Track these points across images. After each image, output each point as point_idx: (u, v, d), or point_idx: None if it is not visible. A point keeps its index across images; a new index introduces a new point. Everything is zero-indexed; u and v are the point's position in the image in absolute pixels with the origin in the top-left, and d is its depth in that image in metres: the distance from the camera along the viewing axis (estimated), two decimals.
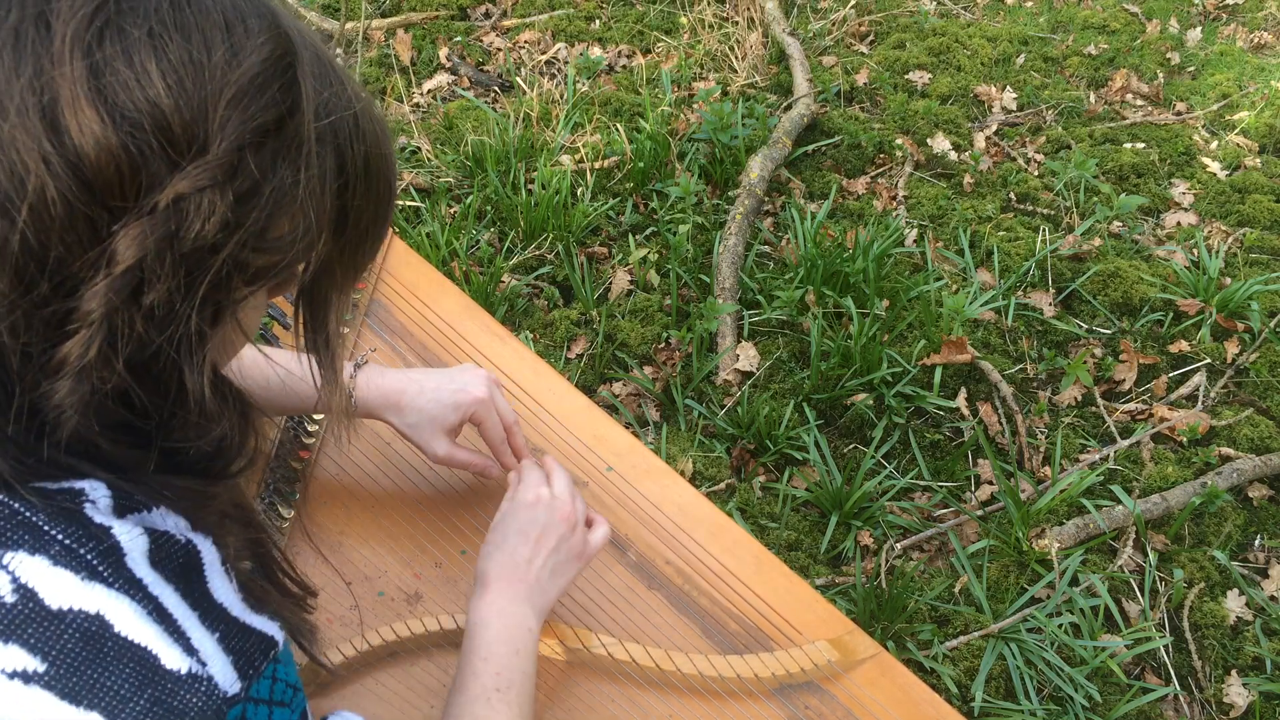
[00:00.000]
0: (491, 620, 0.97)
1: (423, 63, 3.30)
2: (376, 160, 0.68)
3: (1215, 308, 2.52)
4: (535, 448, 1.24)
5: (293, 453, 1.17)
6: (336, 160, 0.64)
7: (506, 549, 1.02)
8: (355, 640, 1.03)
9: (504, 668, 0.94)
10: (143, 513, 0.62)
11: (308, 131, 0.61)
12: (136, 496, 0.62)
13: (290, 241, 0.62)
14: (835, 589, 1.95)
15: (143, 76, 0.55)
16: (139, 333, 0.57)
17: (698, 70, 3.29)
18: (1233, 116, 3.27)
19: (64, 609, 0.56)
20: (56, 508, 0.58)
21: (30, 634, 0.56)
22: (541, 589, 1.01)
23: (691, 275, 2.53)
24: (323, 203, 0.63)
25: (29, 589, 0.56)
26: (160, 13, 0.57)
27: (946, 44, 3.48)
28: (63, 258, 0.55)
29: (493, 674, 0.93)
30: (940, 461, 2.21)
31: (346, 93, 0.65)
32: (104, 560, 0.58)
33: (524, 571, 1.01)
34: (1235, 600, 1.99)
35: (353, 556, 1.11)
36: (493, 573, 1.00)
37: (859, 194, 2.89)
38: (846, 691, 1.07)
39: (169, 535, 0.63)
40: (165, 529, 0.63)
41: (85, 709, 0.56)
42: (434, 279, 1.41)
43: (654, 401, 2.28)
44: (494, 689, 0.92)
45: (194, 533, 0.65)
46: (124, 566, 0.59)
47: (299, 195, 0.61)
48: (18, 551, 0.57)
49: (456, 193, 2.75)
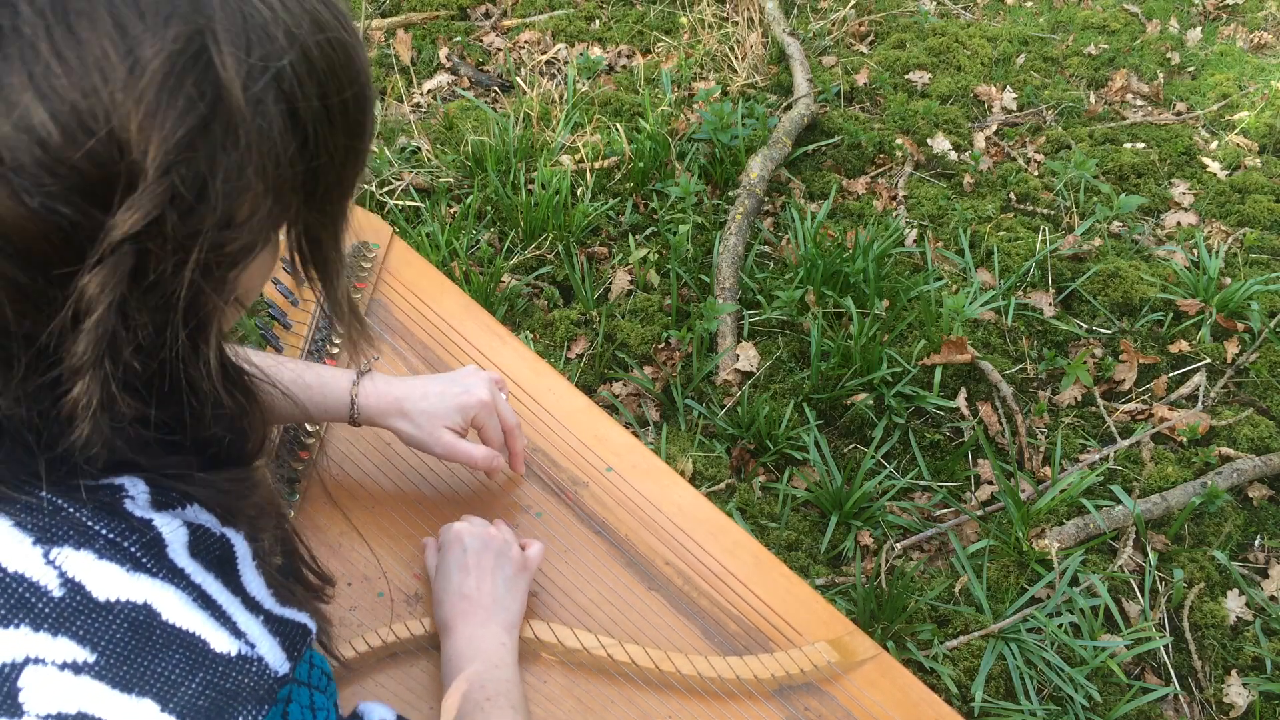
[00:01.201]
0: (464, 649, 0.99)
1: (423, 63, 3.30)
2: (336, 86, 0.59)
3: (1215, 308, 2.52)
4: (535, 448, 1.24)
5: (293, 453, 1.17)
6: (287, 116, 0.57)
7: (453, 588, 1.04)
8: (355, 641, 1.03)
9: (487, 680, 0.96)
10: (178, 509, 0.63)
11: (240, 110, 0.54)
12: (172, 493, 0.63)
13: (262, 216, 0.58)
14: (835, 589, 1.95)
15: (35, 128, 0.49)
16: (133, 365, 0.56)
17: (698, 70, 3.29)
18: (1233, 116, 3.27)
19: (111, 600, 0.57)
20: (99, 503, 0.59)
21: (79, 626, 0.56)
22: (502, 606, 1.03)
23: (691, 275, 2.53)
24: (284, 167, 0.57)
25: (76, 582, 0.57)
26: (38, 41, 0.49)
27: (946, 44, 3.48)
28: (31, 332, 0.54)
29: (478, 688, 0.95)
30: (940, 461, 2.21)
31: (279, 37, 0.56)
32: (147, 552, 0.59)
33: (478, 598, 1.03)
34: (1235, 600, 1.99)
35: (352, 557, 1.12)
36: (450, 614, 1.02)
37: (859, 194, 2.89)
38: (846, 693, 1.07)
39: (206, 528, 0.63)
40: (201, 523, 0.64)
41: (137, 696, 0.56)
42: (434, 278, 1.41)
43: (654, 401, 2.28)
44: (484, 699, 0.94)
45: (225, 527, 0.65)
46: (166, 557, 0.60)
47: (250, 176, 0.55)
48: (63, 547, 0.57)
49: (456, 193, 2.75)
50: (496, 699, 0.95)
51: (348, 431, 1.22)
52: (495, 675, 0.97)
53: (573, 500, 1.20)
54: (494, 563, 1.06)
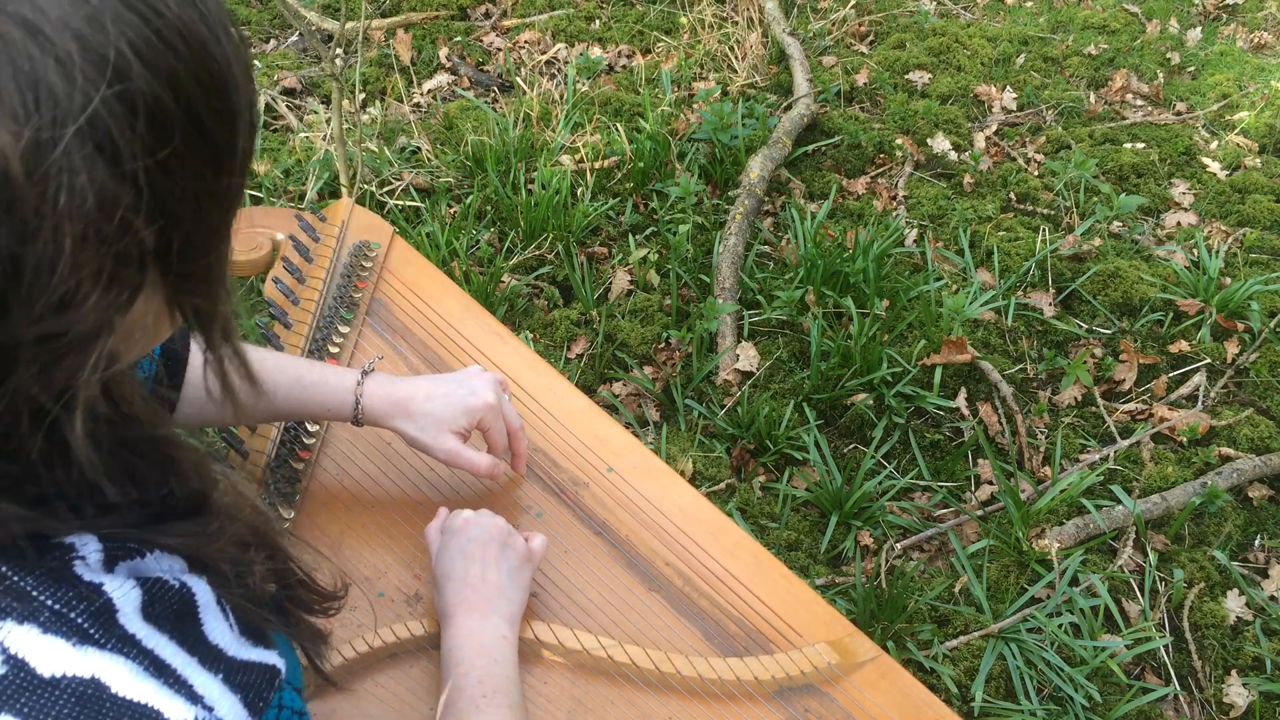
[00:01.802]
0: (464, 641, 0.98)
1: (423, 63, 3.30)
2: (183, 117, 0.50)
3: (1215, 308, 2.52)
4: (535, 448, 1.24)
5: (293, 453, 1.17)
6: (108, 174, 0.48)
7: (456, 575, 1.02)
8: (355, 641, 1.03)
9: (485, 676, 0.95)
10: (135, 560, 0.61)
11: (25, 187, 0.45)
12: (129, 544, 0.60)
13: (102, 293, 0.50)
14: (835, 589, 1.95)
15: None
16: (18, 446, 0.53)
17: (698, 70, 3.29)
18: (1233, 116, 3.27)
19: (57, 676, 0.54)
20: (45, 569, 0.56)
21: (24, 704, 0.53)
22: (505, 597, 1.02)
23: (691, 275, 2.53)
24: (117, 233, 0.49)
25: (19, 659, 0.54)
26: None
27: (946, 44, 3.48)
28: None
29: (475, 684, 0.94)
30: (940, 461, 2.21)
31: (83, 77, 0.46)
32: (95, 622, 0.56)
33: (481, 587, 1.01)
34: (1235, 600, 1.99)
35: (353, 557, 1.11)
36: (451, 602, 1.01)
37: (859, 194, 2.89)
38: (846, 694, 1.07)
39: (162, 582, 0.61)
40: (159, 574, 0.61)
41: None
42: (435, 278, 1.41)
43: (654, 401, 2.28)
44: (480, 696, 0.93)
45: (188, 574, 0.63)
46: (116, 625, 0.57)
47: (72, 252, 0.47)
48: (6, 621, 0.54)
49: (456, 193, 2.75)
50: (493, 696, 0.93)
51: (348, 431, 1.22)
52: (494, 671, 0.96)
53: (573, 501, 1.20)
54: (498, 553, 1.04)
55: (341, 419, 1.10)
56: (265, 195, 2.65)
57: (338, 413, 1.09)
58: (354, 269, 1.38)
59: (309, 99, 3.09)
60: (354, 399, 1.08)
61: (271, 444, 1.17)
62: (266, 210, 1.46)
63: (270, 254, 1.40)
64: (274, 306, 1.30)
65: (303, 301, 1.31)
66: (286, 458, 1.17)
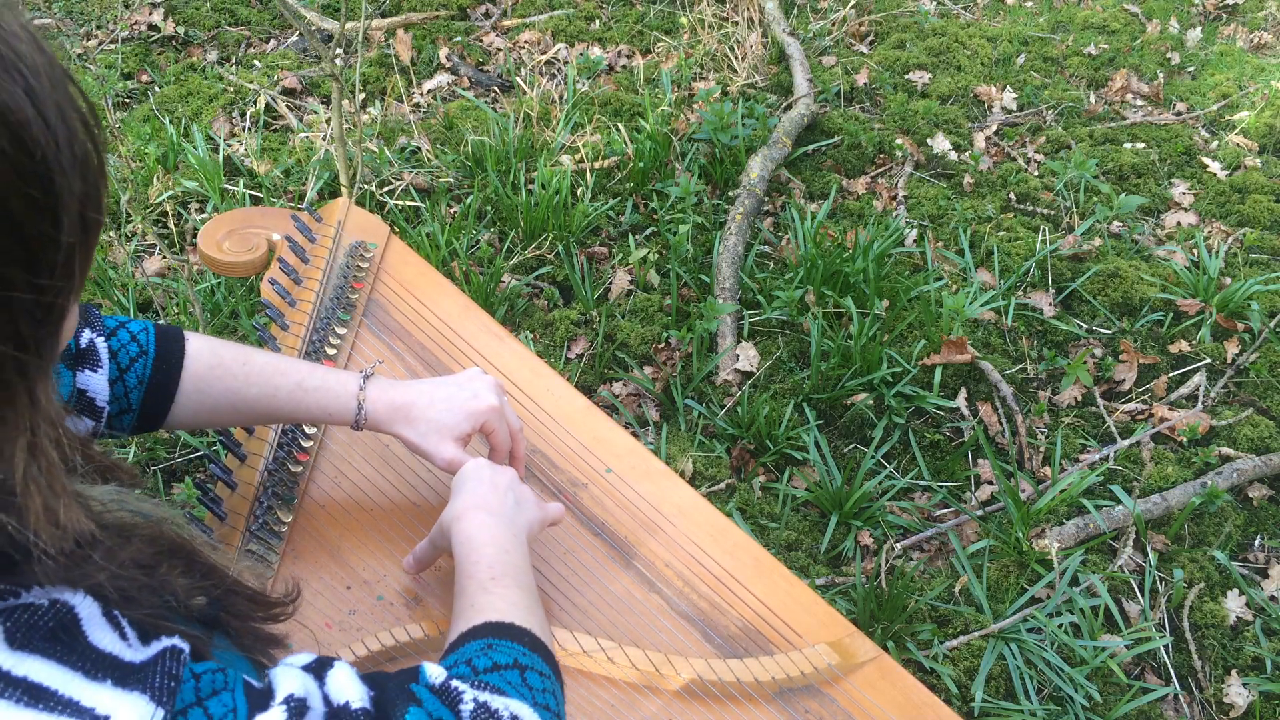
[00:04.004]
0: (475, 533, 0.98)
1: (423, 63, 3.30)
2: None
3: (1215, 308, 2.52)
4: (534, 449, 1.24)
5: (292, 456, 1.17)
6: None
7: (466, 492, 1.03)
8: (354, 645, 1.03)
9: (494, 563, 0.95)
10: (8, 601, 0.58)
11: None
12: (2, 586, 0.58)
13: None
14: (835, 589, 1.94)
15: None
16: None
17: (698, 70, 3.29)
18: (1233, 116, 3.27)
19: None
20: None
21: None
22: (512, 518, 1.02)
23: (691, 275, 2.53)
24: None
25: None
26: None
27: (946, 44, 3.47)
28: None
29: (484, 569, 0.94)
30: (940, 461, 2.21)
31: None
32: None
33: (491, 501, 1.02)
34: (1235, 600, 1.99)
35: (352, 560, 1.11)
36: (462, 505, 1.02)
37: (859, 194, 2.89)
38: (847, 695, 1.07)
39: (29, 606, 0.58)
40: (26, 602, 0.58)
41: None
42: (433, 279, 1.41)
43: (654, 401, 2.28)
44: (488, 579, 0.93)
45: (64, 591, 0.60)
46: None
47: None
48: None
49: (456, 193, 2.75)
50: (501, 579, 0.93)
51: (347, 434, 1.21)
52: (502, 559, 0.96)
53: (572, 502, 1.20)
54: (508, 483, 1.06)
55: (342, 423, 1.09)
56: (265, 195, 2.65)
57: (339, 418, 1.09)
58: (350, 269, 1.37)
59: (309, 99, 3.09)
60: (356, 404, 1.08)
61: (269, 447, 1.17)
62: (262, 210, 1.46)
63: (266, 255, 1.40)
64: (270, 308, 1.30)
65: (299, 303, 1.31)
66: (285, 461, 1.16)
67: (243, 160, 2.76)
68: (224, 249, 1.38)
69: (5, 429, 0.53)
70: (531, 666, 0.85)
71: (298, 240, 1.38)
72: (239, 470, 1.14)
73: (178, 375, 1.04)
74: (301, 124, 2.93)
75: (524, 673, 0.84)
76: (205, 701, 0.62)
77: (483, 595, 0.91)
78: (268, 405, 1.07)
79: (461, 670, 0.83)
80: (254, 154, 2.76)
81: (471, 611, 0.91)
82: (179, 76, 3.13)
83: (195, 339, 1.06)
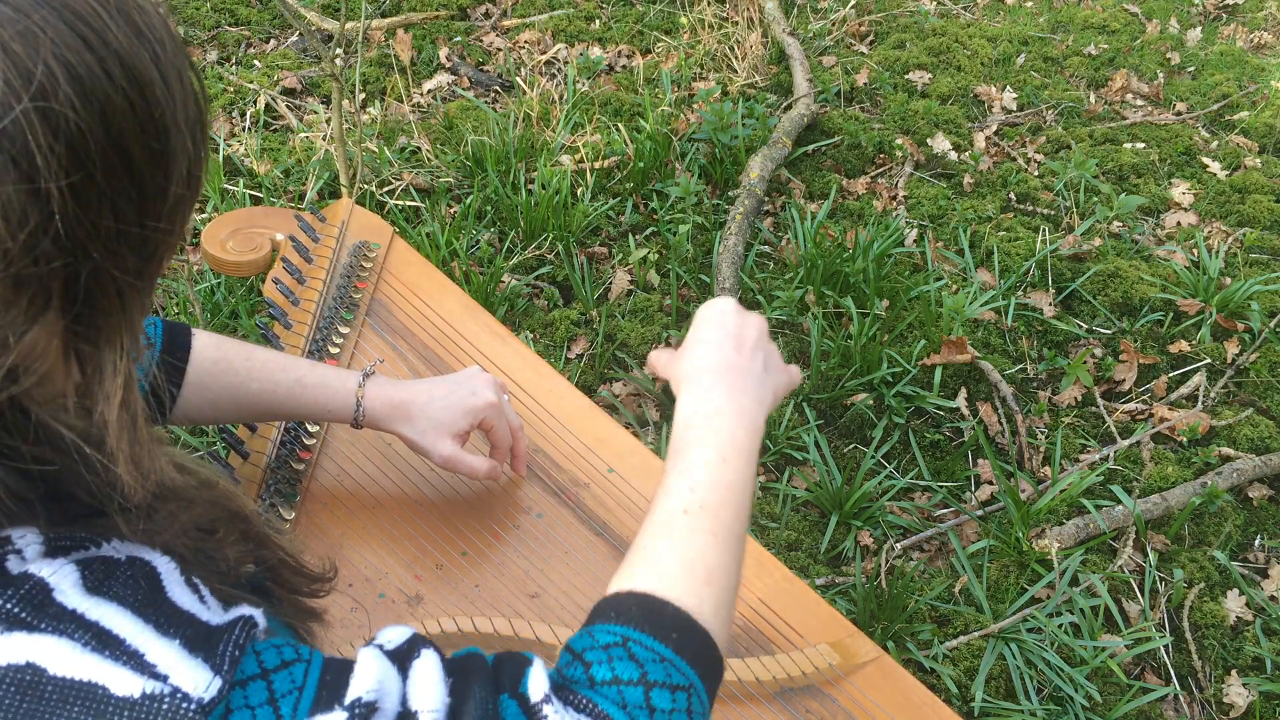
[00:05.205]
0: (696, 420, 0.81)
1: (423, 63, 3.30)
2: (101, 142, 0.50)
3: (1215, 308, 2.53)
4: (536, 449, 1.24)
5: (294, 454, 1.17)
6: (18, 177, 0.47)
7: (705, 343, 0.87)
8: (356, 643, 1.03)
9: (702, 482, 0.77)
10: (88, 549, 0.59)
11: None
12: (79, 535, 0.58)
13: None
14: (835, 589, 1.95)
15: None
16: None
17: (698, 70, 3.29)
18: (1233, 116, 3.27)
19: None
20: None
21: None
22: (758, 379, 0.85)
23: (691, 275, 2.53)
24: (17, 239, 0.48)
25: None
26: None
27: (946, 44, 3.48)
28: None
29: (686, 490, 0.77)
30: (940, 461, 2.21)
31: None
32: (26, 604, 0.54)
33: (734, 359, 0.85)
34: (1235, 600, 1.99)
35: (354, 558, 1.11)
36: (696, 365, 0.85)
37: (859, 194, 2.89)
38: (847, 695, 1.07)
39: (107, 559, 0.58)
40: (107, 554, 0.59)
41: None
42: (435, 279, 1.41)
43: (654, 401, 2.28)
44: (681, 510, 0.76)
45: (143, 549, 0.61)
46: (52, 604, 0.55)
47: None
48: None
49: (456, 193, 2.75)
50: (698, 514, 0.75)
51: (349, 432, 1.22)
52: (716, 476, 0.78)
53: (574, 501, 1.20)
54: (756, 338, 0.89)
55: (342, 421, 1.10)
56: (265, 195, 2.65)
57: (338, 415, 1.09)
58: (354, 269, 1.37)
59: (309, 99, 3.09)
60: (355, 401, 1.09)
61: (272, 444, 1.17)
62: (266, 210, 1.46)
63: (270, 254, 1.40)
64: (274, 307, 1.30)
65: (303, 302, 1.31)
66: (287, 458, 1.17)
67: (243, 160, 2.76)
68: (228, 248, 1.39)
69: (104, 362, 0.56)
70: (665, 682, 0.67)
71: (301, 240, 1.38)
72: (241, 467, 1.15)
73: (183, 369, 1.04)
74: (301, 124, 2.93)
75: (649, 690, 0.66)
76: (271, 675, 0.61)
77: (664, 537, 0.74)
78: (268, 401, 1.08)
79: (575, 673, 0.68)
80: (254, 154, 2.76)
81: (639, 558, 0.74)
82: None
83: (201, 335, 1.07)
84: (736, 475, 0.78)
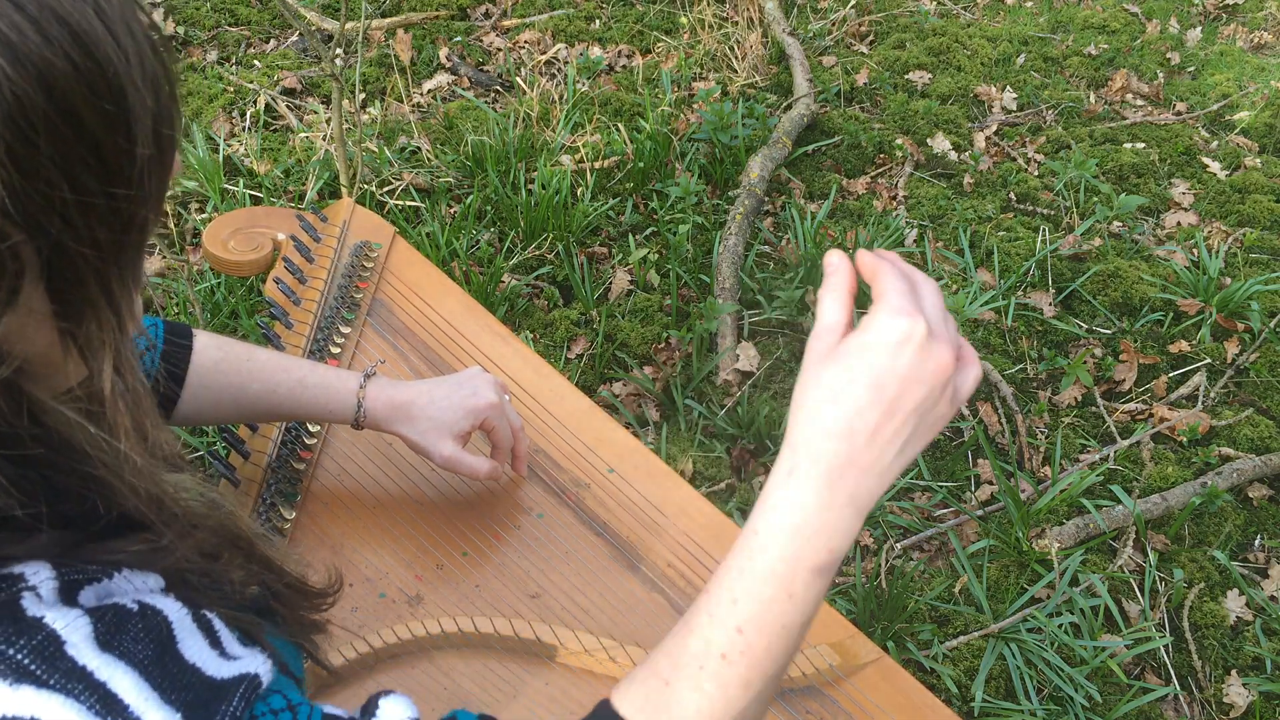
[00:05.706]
0: (775, 531, 0.64)
1: (423, 63, 3.30)
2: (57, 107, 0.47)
3: (1215, 308, 2.53)
4: (537, 449, 1.24)
5: (295, 454, 1.17)
6: None
7: (843, 407, 0.64)
8: (356, 642, 1.03)
9: (754, 621, 0.63)
10: (101, 583, 0.58)
11: None
12: (90, 568, 0.57)
13: None
14: (835, 589, 1.95)
15: None
16: None
17: (698, 70, 3.29)
18: (1233, 116, 3.27)
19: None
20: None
21: None
22: (879, 473, 0.65)
23: (691, 275, 2.53)
24: None
25: None
26: None
27: (946, 44, 3.48)
28: None
29: (733, 628, 0.63)
30: (940, 461, 2.21)
31: None
32: (36, 657, 0.53)
33: (862, 449, 0.64)
34: (1235, 600, 1.99)
35: (354, 558, 1.11)
36: (811, 443, 0.64)
37: (859, 194, 2.89)
38: (848, 696, 1.07)
39: (120, 609, 0.57)
40: (120, 601, 0.58)
41: None
42: (436, 279, 1.41)
43: (654, 401, 2.28)
44: (719, 654, 0.63)
45: (155, 595, 0.60)
46: (63, 658, 0.53)
47: None
48: None
49: (456, 193, 2.75)
50: (736, 662, 0.63)
51: (349, 432, 1.22)
52: (774, 613, 0.63)
53: (574, 502, 1.20)
54: (914, 405, 0.65)
55: (343, 421, 1.10)
56: (265, 195, 2.65)
57: (339, 415, 1.09)
58: (355, 269, 1.38)
59: (309, 99, 3.09)
60: (356, 402, 1.08)
61: (273, 444, 1.17)
62: (268, 210, 1.46)
63: (271, 254, 1.40)
64: (275, 306, 1.30)
65: (304, 302, 1.31)
66: (288, 458, 1.17)
67: (243, 160, 2.76)
68: (230, 248, 1.39)
69: (90, 338, 0.54)
70: None
71: (303, 240, 1.38)
72: (242, 467, 1.15)
73: (185, 369, 1.04)
74: (301, 124, 2.93)
75: None
76: None
77: (689, 680, 0.63)
78: (269, 401, 1.08)
79: None
80: (254, 154, 2.76)
81: (655, 689, 0.65)
82: (179, 76, 3.13)
83: (202, 335, 1.07)
84: (796, 617, 0.64)
